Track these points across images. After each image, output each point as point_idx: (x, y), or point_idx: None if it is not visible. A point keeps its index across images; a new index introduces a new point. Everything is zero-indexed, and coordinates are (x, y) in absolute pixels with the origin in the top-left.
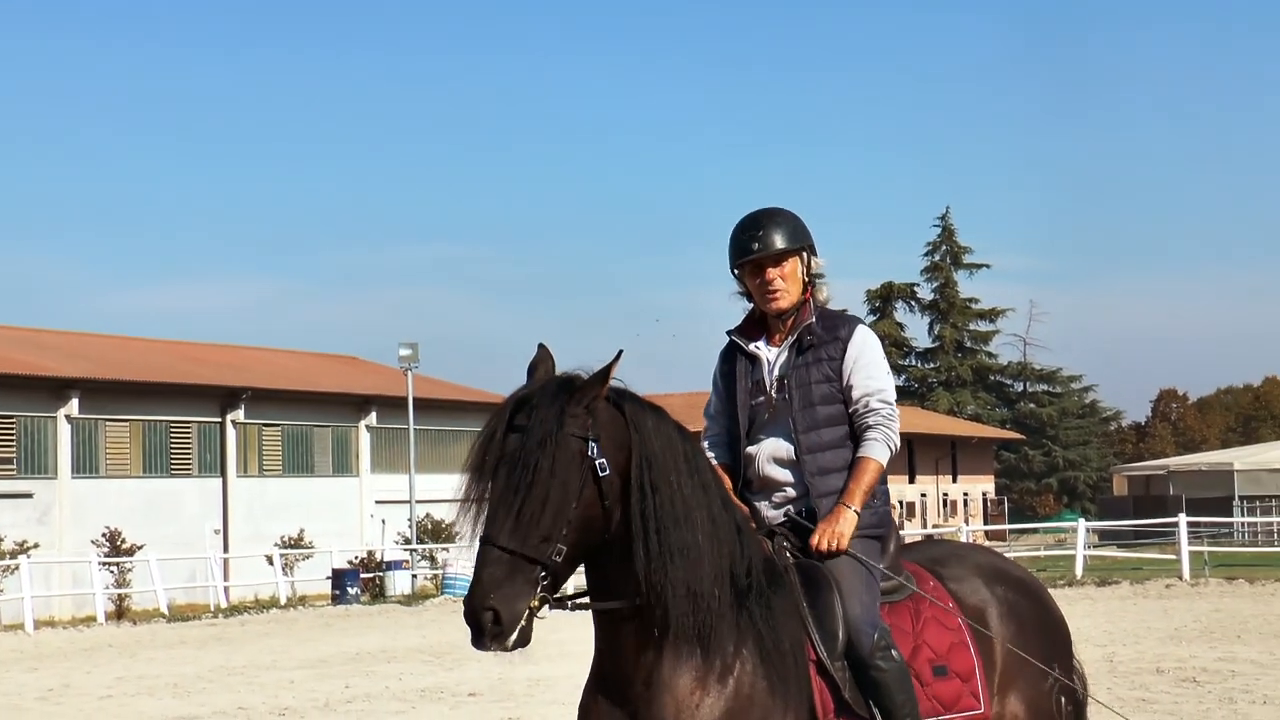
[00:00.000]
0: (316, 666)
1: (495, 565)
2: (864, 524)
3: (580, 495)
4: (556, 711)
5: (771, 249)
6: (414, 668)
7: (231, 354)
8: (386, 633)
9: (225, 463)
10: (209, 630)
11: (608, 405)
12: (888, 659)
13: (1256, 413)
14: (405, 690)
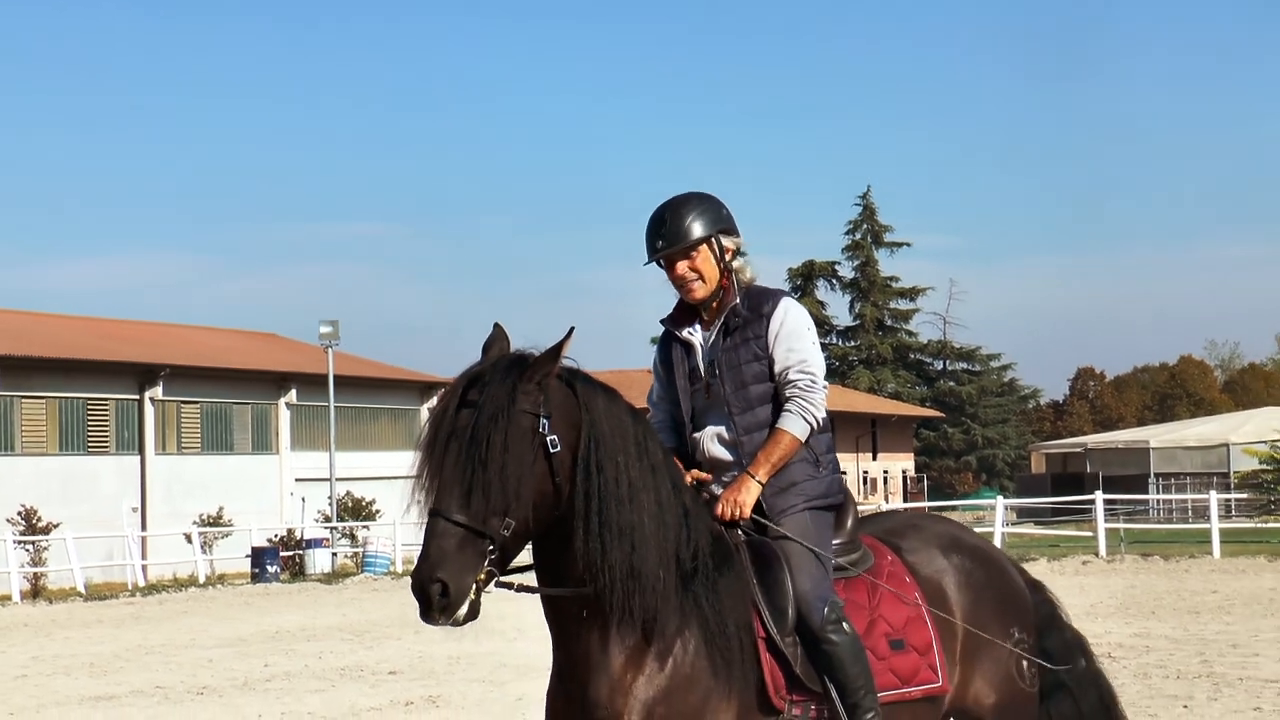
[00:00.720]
0: (235, 645)
1: (444, 538)
2: (812, 494)
3: (531, 471)
4: (477, 689)
5: (676, 245)
6: (334, 646)
7: (150, 331)
8: (306, 611)
9: (143, 440)
10: (126, 609)
11: (560, 384)
12: (839, 633)
13: (1172, 391)
14: (325, 669)
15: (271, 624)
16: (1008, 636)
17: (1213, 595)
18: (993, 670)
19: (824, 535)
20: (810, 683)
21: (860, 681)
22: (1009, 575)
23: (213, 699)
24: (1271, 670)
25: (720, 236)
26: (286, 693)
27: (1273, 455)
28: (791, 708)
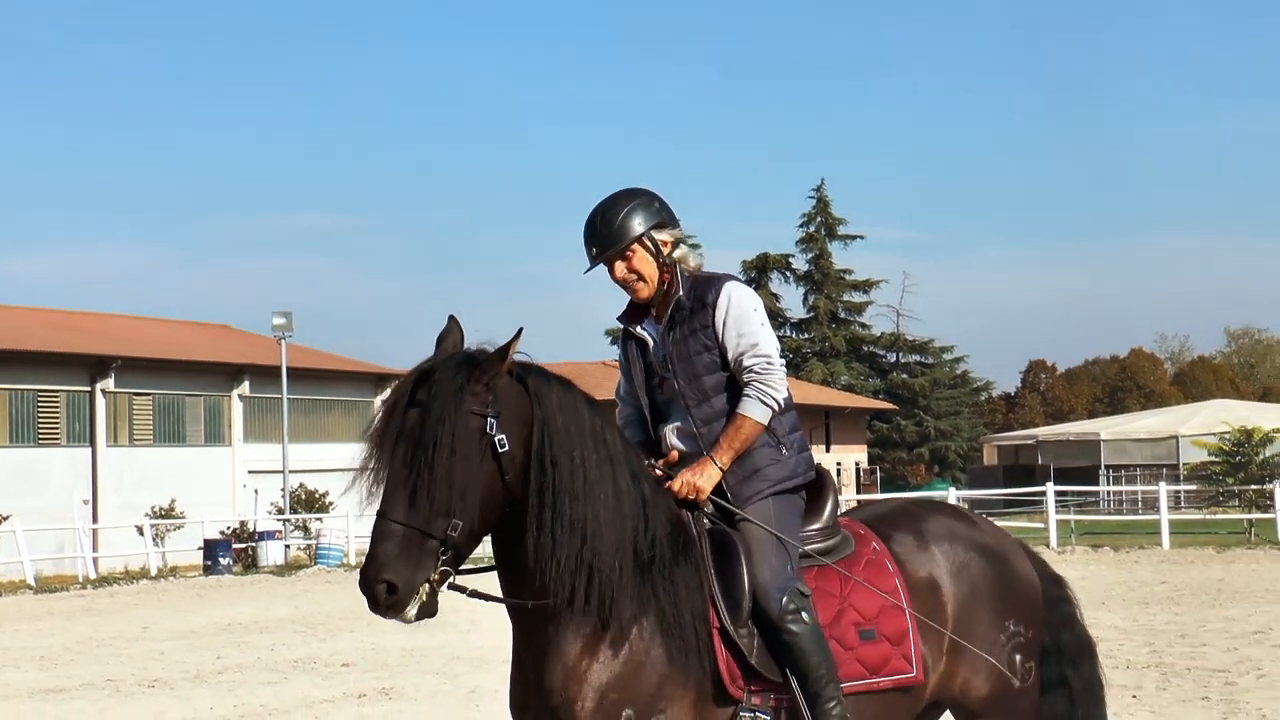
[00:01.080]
0: (187, 638)
1: (390, 540)
2: (776, 479)
3: (479, 471)
4: (431, 681)
5: (609, 249)
6: (286, 638)
7: (102, 322)
8: (259, 603)
9: (95, 432)
10: (77, 601)
11: (511, 380)
12: (799, 623)
13: (1123, 383)
14: (277, 661)
15: (224, 616)
16: (1002, 630)
17: (1162, 586)
18: (984, 663)
19: (790, 521)
20: (769, 673)
21: (821, 671)
22: (1012, 568)
23: (164, 691)
24: (1219, 660)
25: (654, 232)
26: (239, 685)
27: (1221, 447)
28: (750, 697)
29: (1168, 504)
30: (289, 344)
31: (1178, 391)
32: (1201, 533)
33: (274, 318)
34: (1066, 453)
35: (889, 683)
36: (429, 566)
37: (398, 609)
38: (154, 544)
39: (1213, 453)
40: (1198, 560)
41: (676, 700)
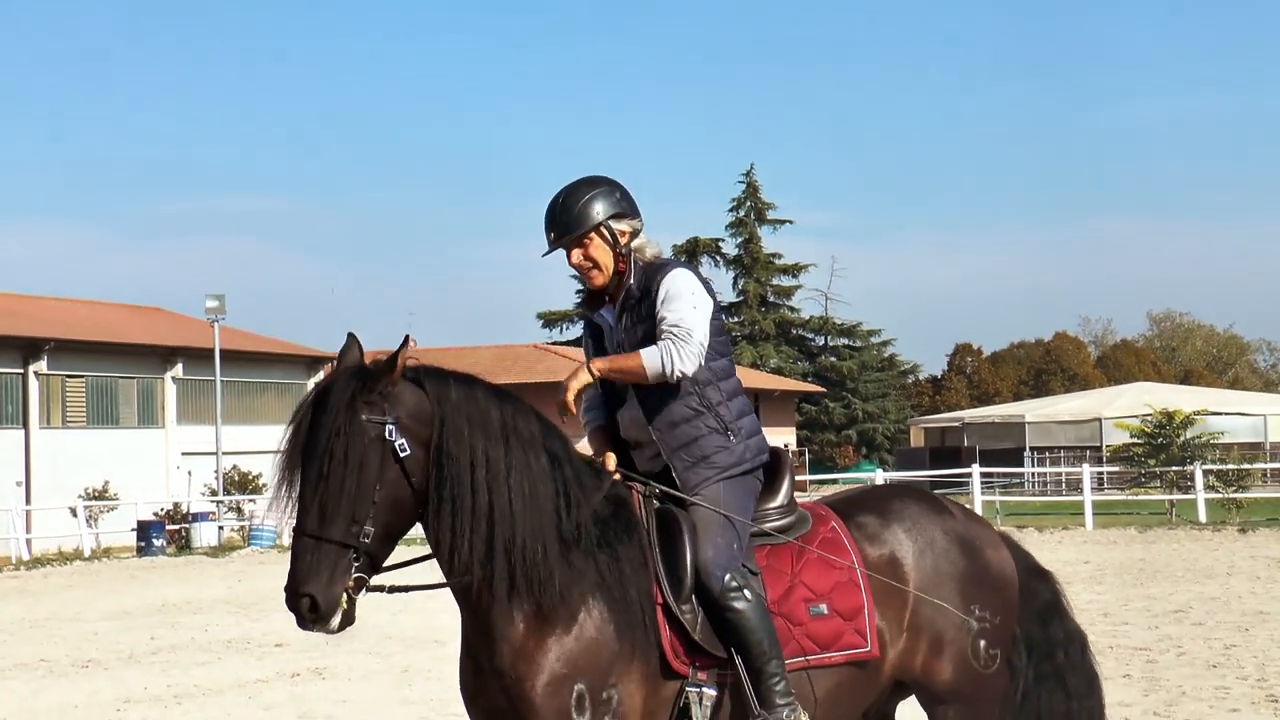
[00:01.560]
0: (121, 618)
1: (307, 554)
2: (724, 465)
3: (382, 478)
4: (363, 660)
5: (567, 235)
6: (220, 619)
7: (34, 304)
8: (192, 584)
9: (27, 414)
10: (10, 582)
11: (410, 385)
12: (741, 600)
13: (1047, 366)
14: (211, 641)
15: (157, 597)
16: (968, 614)
17: (1085, 566)
18: (948, 647)
19: (742, 503)
20: (713, 649)
21: (765, 648)
22: (984, 556)
23: (98, 672)
24: (1140, 638)
25: (612, 222)
26: (172, 665)
27: (1143, 430)
28: (696, 672)
29: (1091, 485)
30: (222, 326)
31: (1101, 375)
32: (1124, 513)
33: (207, 300)
34: (992, 435)
35: (841, 658)
36: (345, 577)
37: (322, 621)
38: (87, 525)
39: (1135, 435)
40: (1120, 541)
41: (627, 674)
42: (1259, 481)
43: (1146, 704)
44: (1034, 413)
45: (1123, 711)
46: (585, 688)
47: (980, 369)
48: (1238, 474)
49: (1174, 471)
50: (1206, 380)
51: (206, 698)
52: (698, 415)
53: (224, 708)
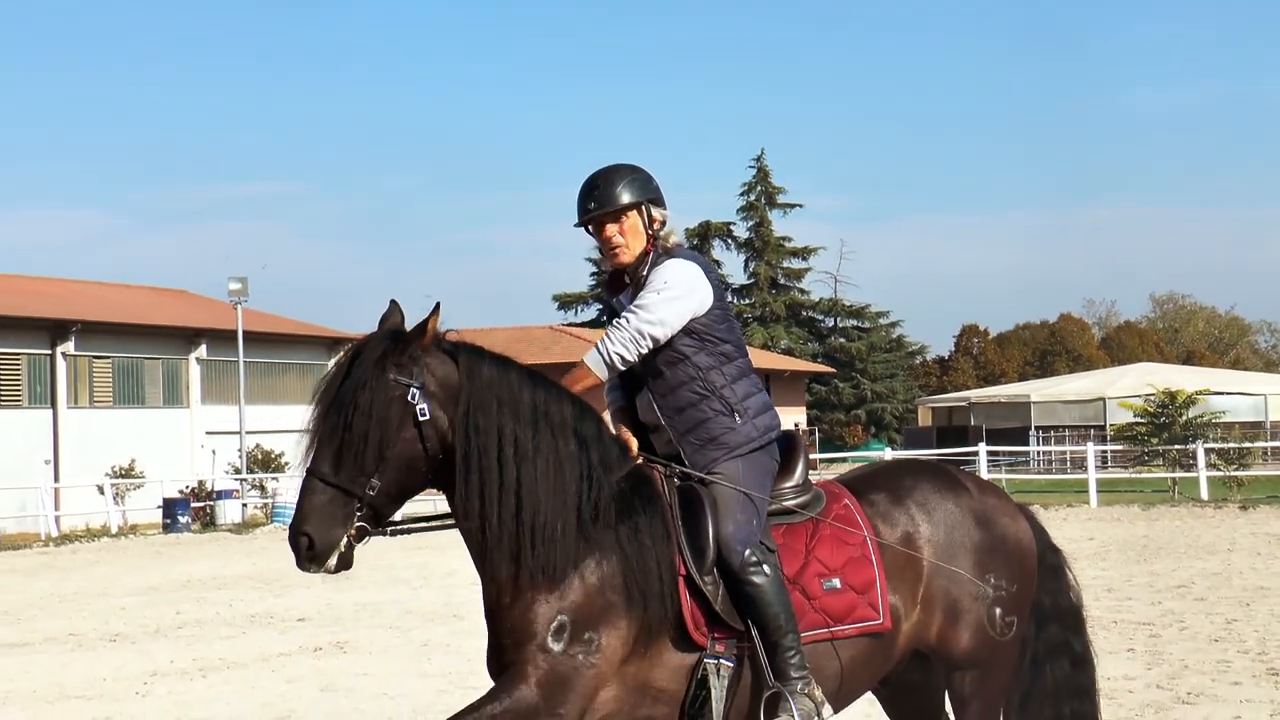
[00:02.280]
0: (147, 593)
1: (313, 494)
2: (732, 445)
3: (398, 436)
4: (383, 635)
5: (608, 206)
6: (244, 594)
7: (62, 287)
8: (217, 560)
9: (55, 394)
10: (40, 559)
11: (444, 357)
12: (760, 574)
13: (1052, 348)
14: (235, 616)
15: (182, 573)
16: (983, 581)
17: (1089, 542)
18: (964, 616)
19: (758, 480)
20: (732, 620)
21: (781, 622)
22: (999, 527)
23: (125, 645)
24: (1144, 614)
25: (649, 206)
26: (197, 639)
27: (1146, 409)
28: (714, 644)
29: (1095, 464)
30: (245, 308)
31: (1105, 355)
32: (1127, 491)
33: (230, 283)
34: (998, 414)
35: (855, 630)
36: (347, 523)
37: (318, 561)
38: (114, 503)
39: (1138, 414)
40: (1124, 518)
41: (614, 627)
42: (1260, 460)
43: (1150, 677)
44: (1039, 393)
45: (1127, 684)
46: (568, 620)
47: (986, 350)
48: (1239, 452)
49: (1176, 450)
50: (1208, 361)
51: (231, 671)
52: (703, 399)
53: (248, 680)
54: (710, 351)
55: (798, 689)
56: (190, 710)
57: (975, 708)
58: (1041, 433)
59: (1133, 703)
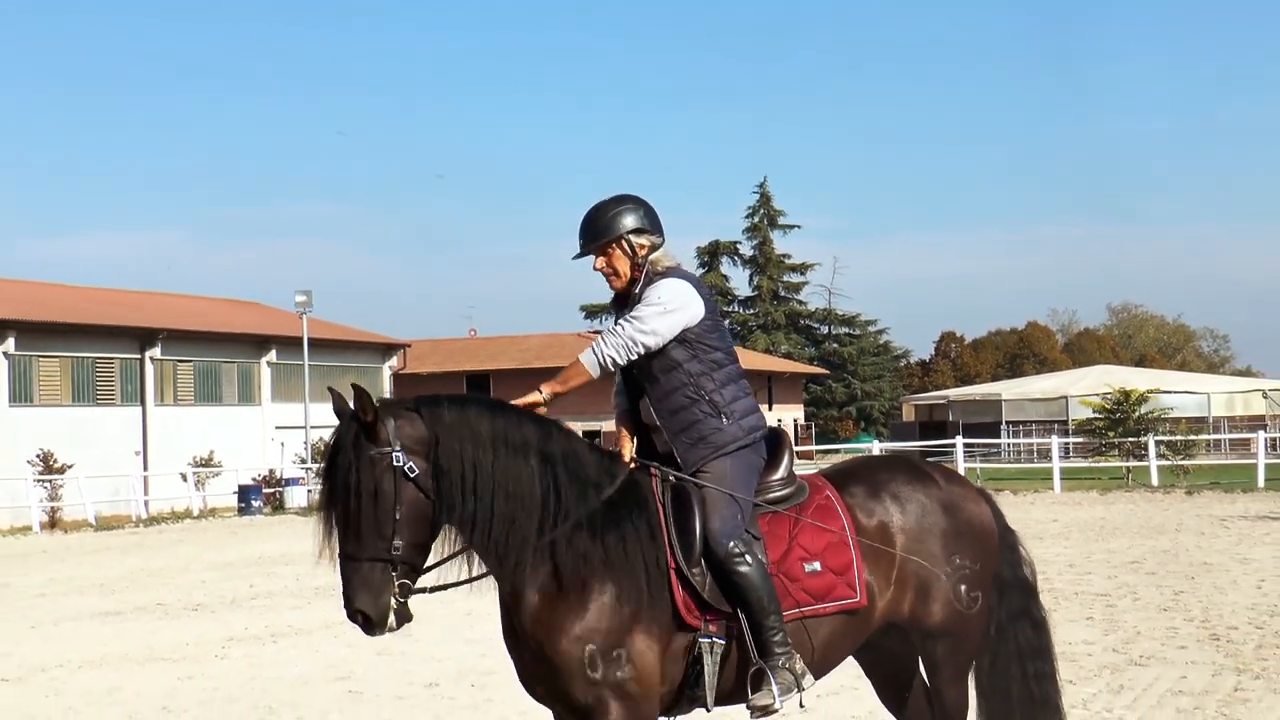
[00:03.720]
0: (224, 569)
1: (352, 574)
2: (720, 443)
3: (399, 497)
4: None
5: (592, 242)
6: (309, 569)
7: (149, 299)
8: (285, 539)
9: (144, 393)
10: (131, 538)
11: (410, 415)
12: (744, 564)
13: (1020, 351)
14: (302, 588)
15: (255, 551)
16: (949, 562)
17: (1054, 524)
18: (935, 593)
19: (745, 477)
20: (719, 605)
21: (765, 604)
22: (964, 512)
23: (205, 614)
24: (1101, 586)
25: (633, 236)
26: (268, 609)
27: (1104, 406)
28: (707, 625)
29: (1059, 454)
30: (309, 318)
31: (1067, 359)
32: (1087, 478)
33: (296, 295)
34: (973, 411)
35: (834, 607)
36: (389, 587)
37: (378, 627)
38: (195, 489)
39: (1097, 410)
40: (1084, 502)
41: (631, 635)
42: (1203, 451)
43: (1106, 642)
44: (1009, 392)
45: (1086, 648)
46: (596, 648)
47: (963, 354)
48: (1185, 444)
49: (1130, 442)
50: (1158, 363)
51: (298, 636)
52: (694, 402)
53: (312, 645)
54: (701, 359)
55: (780, 664)
56: (263, 671)
57: (947, 672)
58: (1011, 427)
59: (1091, 664)
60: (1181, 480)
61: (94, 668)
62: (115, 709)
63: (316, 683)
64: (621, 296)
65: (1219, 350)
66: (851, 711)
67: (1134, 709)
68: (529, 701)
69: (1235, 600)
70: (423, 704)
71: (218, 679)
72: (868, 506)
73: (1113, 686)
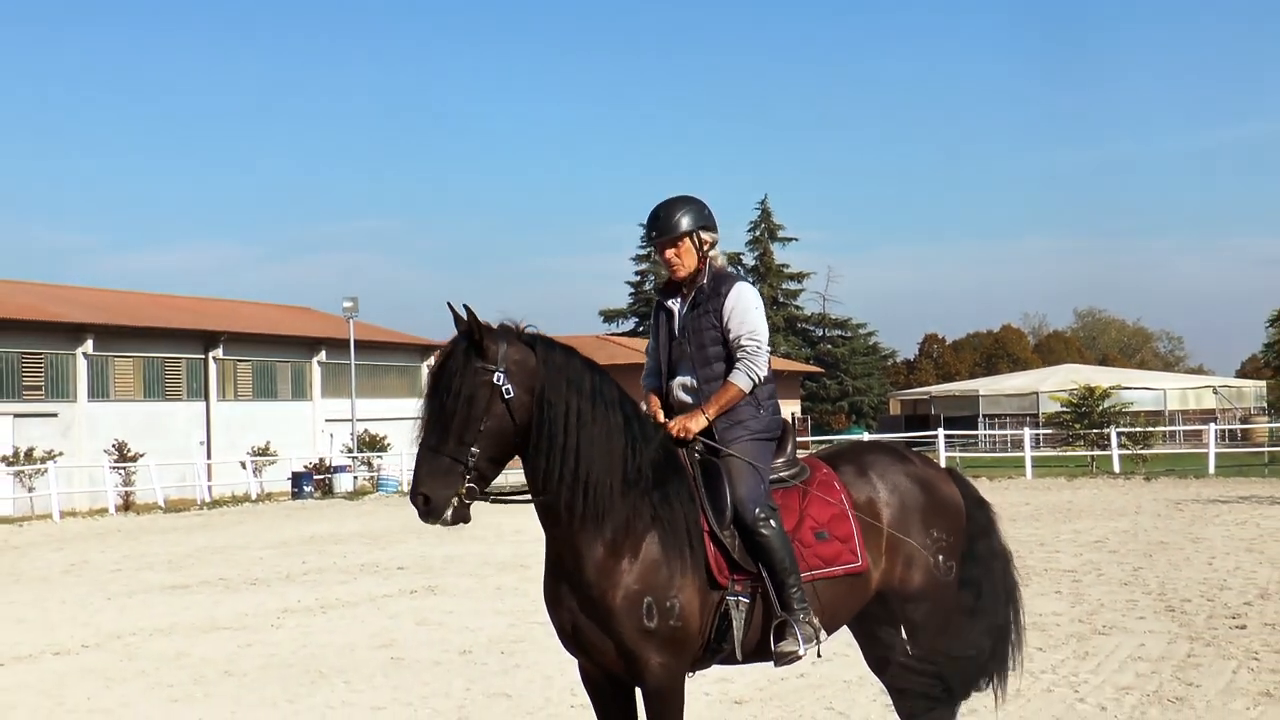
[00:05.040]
0: (279, 547)
1: (426, 462)
2: (754, 429)
3: (488, 411)
4: (466, 581)
5: (666, 235)
6: (355, 549)
7: (211, 305)
8: (334, 522)
9: (208, 390)
10: (196, 520)
11: (522, 346)
12: (768, 527)
13: (996, 352)
14: (349, 565)
15: (307, 531)
16: (928, 536)
17: (1026, 506)
18: (917, 560)
19: (764, 457)
20: (747, 565)
21: (786, 565)
22: (938, 489)
23: (262, 588)
24: (1069, 563)
25: (700, 232)
26: (319, 584)
27: (1071, 401)
28: (734, 584)
29: (1030, 444)
30: (356, 322)
31: (1038, 358)
32: (1056, 466)
33: (344, 301)
34: (953, 405)
35: (841, 571)
36: (457, 483)
37: (435, 515)
38: (253, 476)
39: (1064, 405)
40: (1053, 487)
41: (682, 588)
42: (1160, 441)
43: (1073, 614)
44: (986, 388)
45: (1054, 619)
46: (653, 600)
47: (944, 354)
48: (1143, 435)
49: (1094, 433)
50: (1119, 362)
51: (346, 608)
52: None
53: (359, 616)
54: None
55: (800, 618)
56: (314, 638)
57: (924, 634)
58: (988, 420)
59: (1059, 634)
60: (1140, 468)
61: (163, 635)
62: (182, 672)
63: (362, 650)
64: (673, 284)
65: (1174, 351)
66: (843, 676)
67: (1098, 673)
68: (555, 667)
69: (1188, 575)
70: (458, 670)
71: (274, 646)
72: (857, 484)
73: (1079, 653)
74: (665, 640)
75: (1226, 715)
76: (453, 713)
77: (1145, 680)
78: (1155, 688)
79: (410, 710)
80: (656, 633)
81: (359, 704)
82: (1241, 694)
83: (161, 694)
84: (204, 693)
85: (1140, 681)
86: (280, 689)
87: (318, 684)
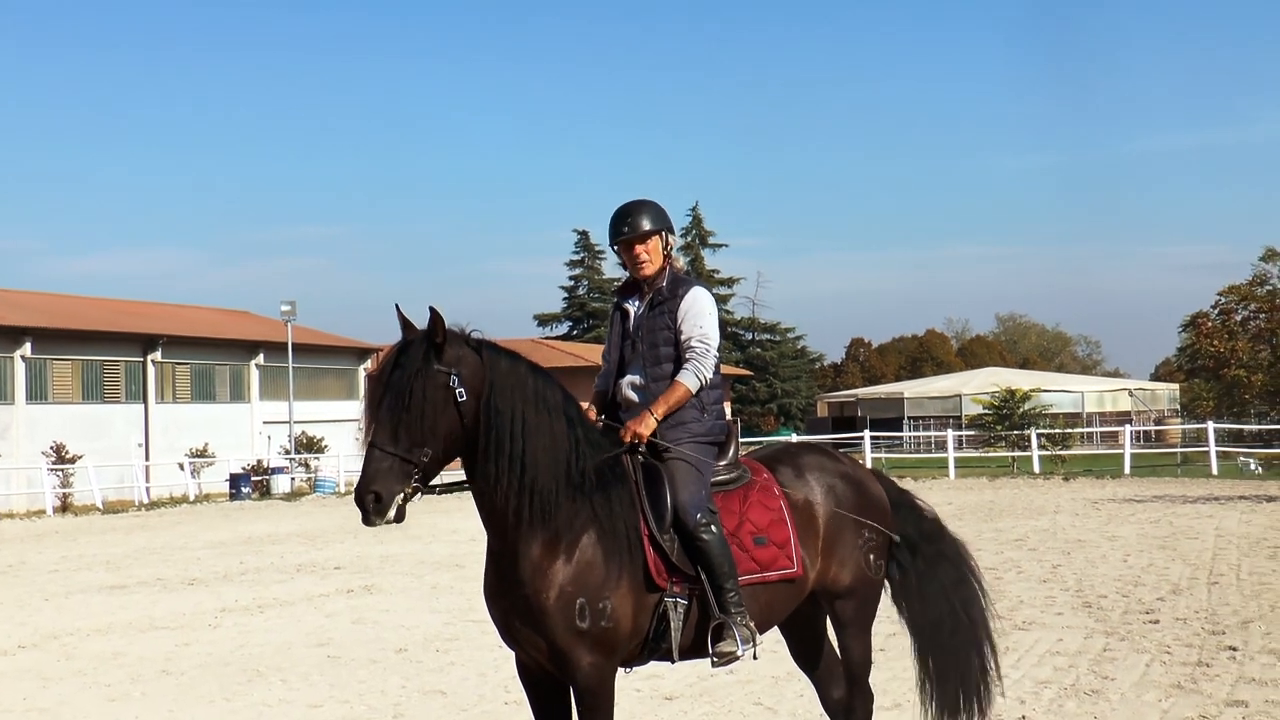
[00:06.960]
0: (217, 548)
1: (377, 462)
2: (698, 433)
3: (443, 414)
4: (402, 580)
5: (637, 231)
6: (292, 549)
7: (151, 309)
8: (271, 522)
9: (146, 392)
10: (134, 520)
11: (470, 351)
12: (708, 532)
13: (920, 355)
14: (286, 565)
15: (245, 532)
16: (860, 535)
17: (949, 506)
18: (849, 560)
19: (706, 460)
20: (686, 568)
21: (724, 569)
22: (868, 489)
23: (200, 588)
24: (990, 560)
25: (666, 233)
26: (256, 583)
27: (992, 404)
28: (672, 586)
29: (953, 445)
30: (294, 325)
31: (961, 361)
32: (978, 467)
33: (282, 305)
34: (879, 407)
35: (776, 576)
36: (404, 483)
37: (381, 514)
38: (192, 477)
39: (986, 407)
40: (975, 487)
41: (615, 590)
42: (1078, 442)
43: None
44: (911, 391)
45: None
46: (585, 600)
47: (870, 357)
48: (1062, 437)
49: (1015, 435)
50: (1040, 366)
51: (283, 607)
52: None
53: (296, 615)
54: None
55: (737, 620)
56: (252, 637)
57: (853, 629)
58: (912, 422)
59: None
60: (1059, 468)
61: (101, 635)
62: (120, 671)
63: (299, 648)
64: (632, 284)
65: (1092, 354)
66: (771, 672)
67: (1018, 668)
68: (489, 664)
69: (1105, 572)
70: (393, 667)
71: (211, 645)
72: (795, 485)
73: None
74: (596, 640)
75: (1140, 707)
76: (388, 710)
77: (1063, 674)
78: (1073, 681)
79: (346, 708)
80: (588, 633)
81: (296, 701)
82: (1154, 686)
83: (99, 693)
84: (141, 691)
85: (1058, 675)
86: (218, 687)
87: (255, 682)
